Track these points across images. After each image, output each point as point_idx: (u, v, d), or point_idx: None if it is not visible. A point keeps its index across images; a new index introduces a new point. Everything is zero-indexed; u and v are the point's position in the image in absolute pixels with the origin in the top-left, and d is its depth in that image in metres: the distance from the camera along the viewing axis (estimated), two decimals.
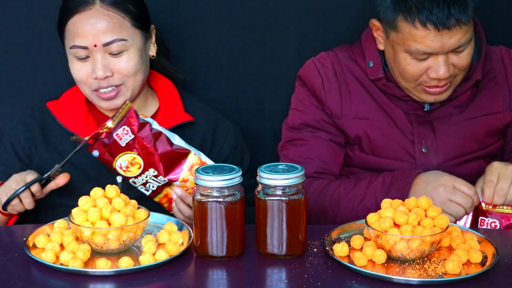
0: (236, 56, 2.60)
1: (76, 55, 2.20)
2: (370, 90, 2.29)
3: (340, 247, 1.83)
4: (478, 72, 2.24)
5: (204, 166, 1.87)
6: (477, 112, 2.27)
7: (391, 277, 1.73)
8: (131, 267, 1.77)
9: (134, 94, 2.25)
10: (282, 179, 1.81)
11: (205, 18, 2.57)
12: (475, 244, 1.85)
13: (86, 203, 1.85)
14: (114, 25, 2.18)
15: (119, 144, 2.07)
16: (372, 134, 2.28)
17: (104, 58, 2.18)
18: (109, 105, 2.23)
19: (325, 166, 2.28)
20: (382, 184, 2.17)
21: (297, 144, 2.31)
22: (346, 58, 2.33)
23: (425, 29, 2.06)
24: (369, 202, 2.16)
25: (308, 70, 2.34)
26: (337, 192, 2.21)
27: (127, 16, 2.21)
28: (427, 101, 2.22)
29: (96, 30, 2.16)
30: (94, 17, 2.17)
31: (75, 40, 2.18)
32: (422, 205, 1.84)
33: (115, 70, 2.19)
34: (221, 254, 1.83)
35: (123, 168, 2.09)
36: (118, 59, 2.19)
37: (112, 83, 2.20)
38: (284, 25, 2.58)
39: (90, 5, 2.18)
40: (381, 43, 2.24)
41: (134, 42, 2.21)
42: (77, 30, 2.18)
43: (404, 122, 2.27)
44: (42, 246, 1.86)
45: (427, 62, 2.13)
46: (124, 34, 2.19)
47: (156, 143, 2.08)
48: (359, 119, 2.28)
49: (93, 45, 2.16)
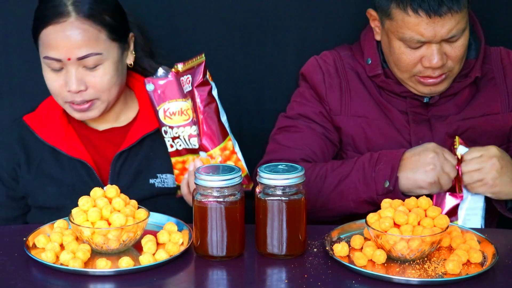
0: (236, 56, 2.61)
1: (50, 66, 2.13)
2: (370, 89, 2.30)
3: (340, 247, 1.83)
4: (476, 69, 2.25)
5: (204, 166, 1.87)
6: (474, 112, 2.28)
7: (391, 277, 1.73)
8: (131, 267, 1.77)
9: (109, 105, 2.20)
10: (282, 179, 1.81)
11: (205, 18, 2.57)
12: (475, 244, 1.85)
13: (86, 203, 1.85)
14: (89, 39, 2.09)
15: (180, 88, 2.07)
16: (369, 132, 2.28)
17: (78, 72, 2.11)
18: (82, 116, 2.18)
19: (313, 157, 2.27)
20: (370, 158, 2.17)
21: (290, 131, 2.32)
22: (348, 56, 2.35)
23: (417, 16, 2.08)
24: (355, 176, 2.16)
25: (310, 66, 2.36)
26: (324, 169, 2.21)
27: (103, 29, 2.12)
28: (423, 92, 2.23)
29: (70, 43, 2.08)
30: (68, 30, 2.08)
31: (49, 52, 2.10)
32: (422, 205, 1.84)
33: (90, 84, 2.13)
34: (221, 254, 1.83)
35: (167, 113, 2.08)
36: (93, 73, 2.12)
37: (86, 98, 2.13)
38: (284, 25, 2.58)
39: (65, 17, 2.09)
40: (378, 33, 2.26)
41: (110, 55, 2.14)
42: (50, 42, 2.09)
43: (401, 122, 2.27)
44: (42, 246, 1.86)
45: (421, 51, 2.14)
46: (100, 48, 2.11)
47: (206, 107, 2.07)
48: (358, 117, 2.29)
49: (67, 59, 2.09)
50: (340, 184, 2.17)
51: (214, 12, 2.57)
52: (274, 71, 2.61)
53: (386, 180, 2.09)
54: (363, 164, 2.17)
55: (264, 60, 2.61)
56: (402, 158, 2.12)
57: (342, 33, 2.53)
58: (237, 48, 2.60)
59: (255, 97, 2.63)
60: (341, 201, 2.17)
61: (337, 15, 2.58)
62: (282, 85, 2.56)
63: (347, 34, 2.47)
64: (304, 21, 2.58)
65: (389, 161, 2.12)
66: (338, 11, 2.57)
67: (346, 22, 2.55)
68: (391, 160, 2.12)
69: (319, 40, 2.57)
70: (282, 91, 2.54)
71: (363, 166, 2.16)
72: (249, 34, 2.59)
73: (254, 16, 2.58)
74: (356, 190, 2.15)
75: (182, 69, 2.09)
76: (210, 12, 2.57)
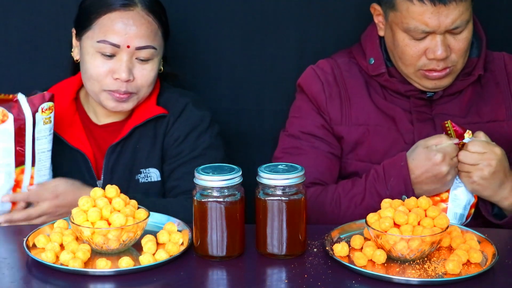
0: (236, 56, 2.61)
1: (102, 51, 2.16)
2: (371, 94, 2.29)
3: (340, 247, 1.83)
4: (479, 68, 2.26)
5: (204, 166, 1.86)
6: (480, 118, 2.27)
7: (391, 277, 1.73)
8: (131, 267, 1.77)
9: (140, 102, 2.25)
10: (282, 179, 1.81)
11: (205, 18, 2.57)
12: (475, 244, 1.85)
13: (86, 203, 1.85)
14: (151, 32, 2.18)
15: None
16: (370, 139, 2.27)
17: (130, 62, 2.16)
18: (116, 107, 2.21)
19: (321, 177, 2.26)
20: (377, 176, 2.16)
21: (294, 153, 2.29)
22: (345, 62, 2.33)
23: (422, 4, 2.09)
24: (371, 199, 2.15)
25: (308, 77, 2.33)
26: (336, 194, 2.21)
27: (160, 26, 2.21)
28: (428, 87, 2.23)
29: (134, 32, 2.15)
30: (134, 19, 2.16)
31: (107, 36, 2.15)
32: (422, 205, 1.84)
33: (137, 76, 2.18)
34: (221, 254, 1.83)
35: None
36: (142, 66, 2.18)
37: (129, 89, 2.18)
38: (284, 25, 2.58)
39: (132, 6, 2.16)
40: (381, 28, 2.26)
41: (160, 53, 2.22)
42: (113, 27, 2.15)
43: (405, 122, 2.26)
44: (42, 246, 1.86)
45: (425, 43, 2.15)
46: (156, 43, 2.20)
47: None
48: (358, 125, 2.28)
49: (126, 46, 2.15)
50: (357, 208, 2.17)
51: (214, 12, 2.57)
52: (274, 71, 2.61)
53: (403, 195, 2.10)
54: (374, 185, 2.16)
55: (264, 60, 2.61)
56: (411, 172, 2.11)
57: (342, 33, 2.53)
58: (237, 48, 2.60)
59: (255, 97, 2.63)
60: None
61: (337, 16, 2.58)
62: (282, 85, 2.56)
63: (347, 34, 2.47)
64: (304, 21, 2.58)
65: (399, 176, 2.12)
66: (338, 12, 2.57)
67: (346, 22, 2.55)
68: (400, 175, 2.12)
69: (319, 41, 2.57)
70: (282, 91, 2.54)
71: (374, 187, 2.16)
72: (249, 34, 2.59)
73: (254, 16, 2.58)
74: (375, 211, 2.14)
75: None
76: (210, 12, 2.57)
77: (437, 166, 2.08)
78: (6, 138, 2.07)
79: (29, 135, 2.09)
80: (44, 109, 2.09)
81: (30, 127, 2.08)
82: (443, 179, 2.09)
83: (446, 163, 2.07)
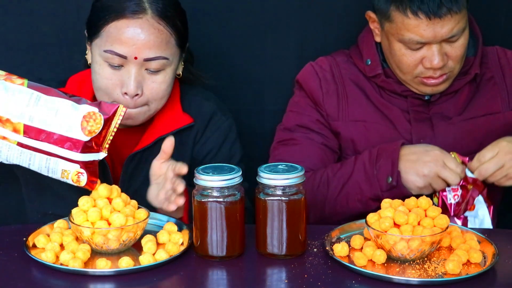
0: (236, 56, 2.61)
1: (109, 61, 2.00)
2: (368, 93, 2.30)
3: (340, 247, 1.83)
4: (476, 66, 2.26)
5: (204, 166, 1.86)
6: (476, 113, 2.28)
7: (391, 277, 1.73)
8: (131, 267, 1.77)
9: (152, 115, 2.09)
10: (282, 179, 1.81)
11: (205, 18, 2.57)
12: (475, 244, 1.85)
13: (86, 203, 1.85)
14: (161, 41, 2.00)
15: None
16: (368, 135, 2.28)
17: (139, 74, 2.00)
18: (125, 121, 2.01)
19: (313, 168, 2.26)
20: (369, 156, 2.17)
21: (288, 144, 2.31)
22: (344, 61, 2.34)
23: (417, 18, 2.09)
24: (358, 176, 2.16)
25: (306, 73, 2.35)
26: (325, 175, 2.21)
27: (174, 33, 2.04)
28: (425, 93, 2.24)
29: (142, 42, 1.98)
30: (143, 28, 1.98)
31: (114, 46, 1.99)
32: (422, 205, 1.84)
33: (146, 89, 2.02)
34: (221, 254, 1.83)
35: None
36: (152, 78, 2.02)
37: (138, 104, 2.03)
38: (284, 25, 2.58)
39: (141, 13, 1.99)
40: (377, 35, 2.26)
41: (173, 63, 2.06)
42: (120, 36, 1.98)
43: (403, 121, 2.27)
44: (42, 246, 1.86)
45: (421, 52, 2.15)
46: (168, 52, 2.03)
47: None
48: (356, 121, 2.29)
49: (134, 57, 1.98)
50: (344, 187, 2.17)
51: (214, 12, 2.57)
52: (274, 71, 2.61)
53: (389, 176, 2.10)
54: (364, 163, 2.17)
55: (264, 60, 2.61)
56: (401, 154, 2.12)
57: (342, 34, 2.53)
58: (237, 48, 2.60)
59: (255, 97, 2.63)
60: (348, 203, 2.17)
61: (337, 15, 2.57)
62: (282, 85, 2.56)
63: (347, 35, 2.47)
64: (304, 21, 2.58)
65: (389, 156, 2.13)
66: (338, 12, 2.57)
67: (346, 23, 2.55)
68: (390, 155, 2.13)
69: (319, 41, 2.57)
70: (282, 91, 2.54)
71: (363, 165, 2.16)
72: (249, 35, 2.59)
73: (254, 16, 2.58)
74: (361, 190, 2.15)
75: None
76: (210, 12, 2.57)
77: (429, 152, 2.09)
78: None
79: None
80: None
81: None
82: (420, 169, 2.07)
83: (438, 156, 2.08)
